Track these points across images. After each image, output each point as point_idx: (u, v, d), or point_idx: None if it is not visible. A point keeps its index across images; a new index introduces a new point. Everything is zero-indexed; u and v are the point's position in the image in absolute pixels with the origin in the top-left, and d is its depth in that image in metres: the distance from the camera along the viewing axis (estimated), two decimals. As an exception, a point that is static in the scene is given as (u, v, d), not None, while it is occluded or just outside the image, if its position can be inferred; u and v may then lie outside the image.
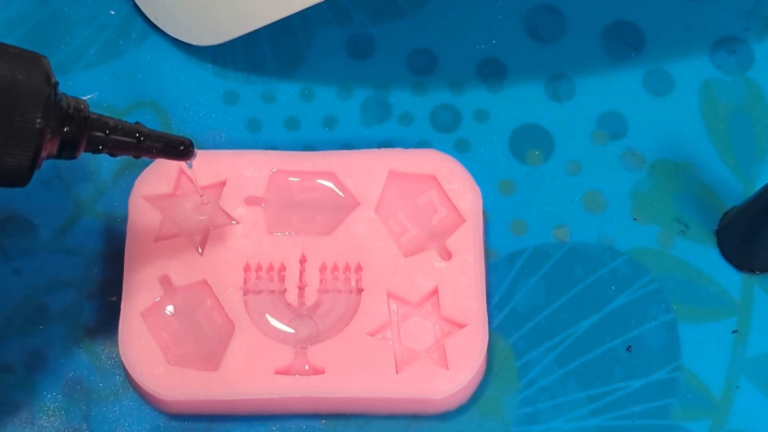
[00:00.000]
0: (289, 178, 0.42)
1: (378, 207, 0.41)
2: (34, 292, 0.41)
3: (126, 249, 0.41)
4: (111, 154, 0.36)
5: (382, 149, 0.42)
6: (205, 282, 0.40)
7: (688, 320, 0.41)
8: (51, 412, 0.40)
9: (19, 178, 0.33)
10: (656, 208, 0.42)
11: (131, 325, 0.40)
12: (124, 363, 0.39)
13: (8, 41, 0.44)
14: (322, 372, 0.39)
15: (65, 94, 0.34)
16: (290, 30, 0.45)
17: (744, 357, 0.41)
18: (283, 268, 0.41)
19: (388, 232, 0.41)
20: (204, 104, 0.44)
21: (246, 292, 0.40)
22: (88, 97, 0.44)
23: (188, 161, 0.37)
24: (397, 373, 0.39)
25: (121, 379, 0.40)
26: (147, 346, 0.39)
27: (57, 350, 0.41)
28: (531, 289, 0.41)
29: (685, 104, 0.44)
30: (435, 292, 0.40)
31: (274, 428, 0.40)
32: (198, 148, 0.43)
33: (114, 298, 0.41)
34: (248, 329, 0.40)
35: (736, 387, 0.40)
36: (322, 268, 0.41)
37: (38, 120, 0.33)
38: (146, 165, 0.42)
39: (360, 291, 0.40)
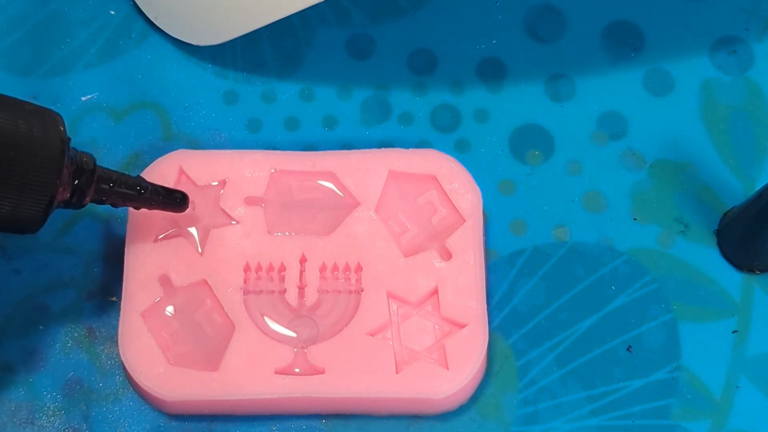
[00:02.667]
0: (289, 178, 0.42)
1: (378, 207, 0.41)
2: (34, 292, 0.41)
3: (126, 249, 0.41)
4: (113, 205, 0.38)
5: (382, 149, 0.42)
6: (205, 282, 0.40)
7: (688, 320, 0.41)
8: (51, 412, 0.40)
9: (31, 226, 0.36)
10: (656, 208, 0.42)
11: (131, 325, 0.40)
12: (124, 363, 0.39)
13: (8, 41, 0.45)
14: (322, 372, 0.39)
15: (75, 149, 0.37)
16: (290, 30, 0.45)
17: (744, 357, 0.41)
18: (283, 268, 0.40)
19: (388, 232, 0.41)
20: (204, 104, 0.44)
21: (246, 292, 0.40)
22: (88, 97, 0.44)
23: (183, 211, 0.40)
24: (397, 373, 0.39)
25: (121, 379, 0.40)
26: (147, 346, 0.39)
27: (57, 350, 0.41)
28: (531, 289, 0.41)
29: (685, 104, 0.44)
30: (435, 292, 0.40)
31: (274, 428, 0.40)
32: (198, 148, 0.43)
33: (114, 298, 0.41)
34: (248, 329, 0.40)
35: (736, 387, 0.40)
36: (322, 268, 0.41)
37: (53, 175, 0.35)
38: (146, 165, 0.42)
39: (360, 291, 0.40)
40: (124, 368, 0.40)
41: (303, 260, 0.41)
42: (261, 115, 0.44)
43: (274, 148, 0.43)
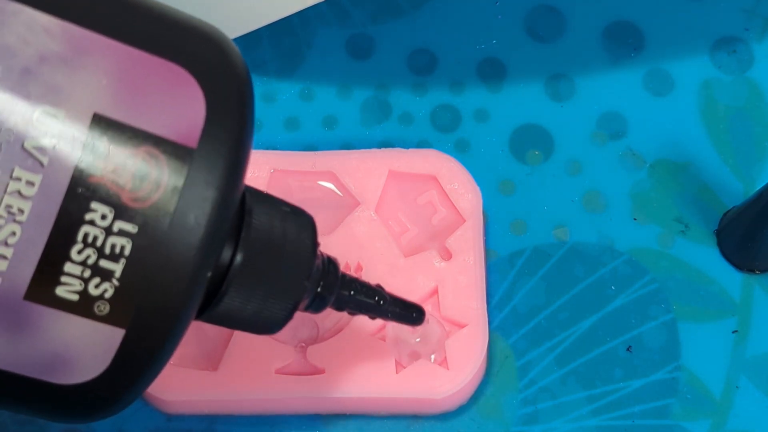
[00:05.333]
0: (289, 178, 0.42)
1: (378, 207, 0.41)
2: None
3: (126, 249, 0.41)
4: (350, 313, 0.36)
5: (382, 149, 0.42)
6: (205, 282, 0.40)
7: (688, 320, 0.41)
8: (51, 412, 0.40)
9: (270, 328, 0.34)
10: (656, 208, 0.42)
11: (131, 325, 0.39)
12: (124, 363, 0.39)
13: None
14: (322, 372, 0.39)
15: (322, 254, 0.35)
16: (290, 30, 0.45)
17: (744, 357, 0.41)
18: (283, 268, 0.40)
19: (388, 232, 0.41)
20: (204, 104, 0.44)
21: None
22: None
23: (417, 326, 0.38)
24: (397, 373, 0.39)
25: (121, 379, 0.40)
26: (147, 346, 0.39)
27: (57, 350, 0.40)
28: (531, 289, 0.41)
29: (685, 104, 0.44)
30: (435, 292, 0.40)
31: (274, 428, 0.40)
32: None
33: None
34: (248, 329, 0.40)
35: (736, 387, 0.40)
36: (322, 268, 0.41)
37: (303, 282, 0.33)
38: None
39: (360, 291, 0.40)
40: (124, 368, 0.40)
41: (303, 260, 0.41)
42: (261, 115, 0.44)
43: (274, 148, 0.43)
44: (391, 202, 0.42)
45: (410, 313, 0.37)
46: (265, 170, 0.42)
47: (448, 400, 0.39)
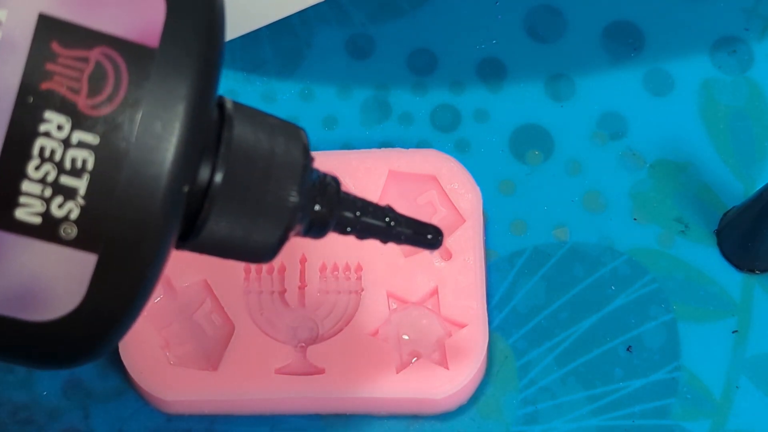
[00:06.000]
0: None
1: (378, 207, 0.41)
2: (34, 292, 0.41)
3: (126, 249, 0.40)
4: (358, 237, 0.32)
5: (382, 149, 0.42)
6: (205, 282, 0.40)
7: (688, 320, 0.41)
8: (51, 412, 0.40)
9: (262, 255, 0.30)
10: (656, 208, 0.42)
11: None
12: (124, 363, 0.39)
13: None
14: (322, 372, 0.39)
15: (318, 170, 0.32)
16: (290, 30, 0.45)
17: (744, 357, 0.41)
18: (283, 268, 0.40)
19: (388, 232, 0.41)
20: (204, 104, 0.44)
21: (246, 292, 0.40)
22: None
23: (435, 249, 0.34)
24: (397, 373, 0.39)
25: (121, 379, 0.40)
26: (147, 346, 0.39)
27: (57, 350, 0.41)
28: (531, 289, 0.41)
29: (685, 104, 0.44)
30: (435, 292, 0.40)
31: (274, 428, 0.40)
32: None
33: (114, 298, 0.41)
34: (248, 329, 0.40)
35: (736, 387, 0.40)
36: (323, 269, 0.41)
37: (292, 196, 0.30)
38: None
39: (360, 291, 0.40)
40: (124, 368, 0.40)
41: (303, 260, 0.41)
42: (261, 115, 0.44)
43: (274, 148, 0.43)
44: (391, 202, 0.41)
45: (425, 235, 0.33)
46: (265, 170, 0.41)
47: (448, 400, 0.39)
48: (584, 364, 0.40)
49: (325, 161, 0.41)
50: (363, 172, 0.41)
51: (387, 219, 0.32)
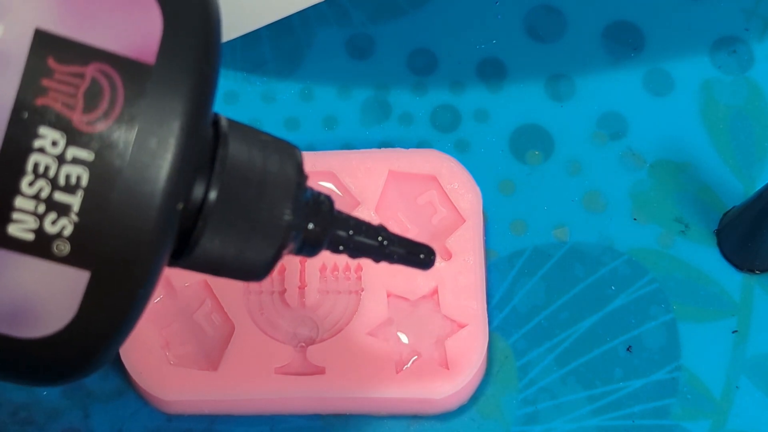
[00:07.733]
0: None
1: (378, 207, 0.41)
2: (34, 292, 0.41)
3: (126, 249, 0.40)
4: (350, 256, 0.32)
5: (382, 149, 0.42)
6: (205, 282, 0.40)
7: (688, 320, 0.41)
8: (51, 412, 0.40)
9: (255, 273, 0.31)
10: (656, 208, 0.42)
11: (131, 325, 0.39)
12: (124, 363, 0.39)
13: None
14: (322, 372, 0.39)
15: (311, 188, 0.32)
16: (290, 30, 0.45)
17: (744, 357, 0.41)
18: (283, 268, 0.41)
19: (388, 232, 0.41)
20: (204, 104, 0.44)
21: (246, 292, 0.40)
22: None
23: (427, 270, 0.34)
24: (397, 373, 0.39)
25: (121, 379, 0.40)
26: (147, 346, 0.39)
27: (57, 350, 0.40)
28: (531, 289, 0.41)
29: (685, 104, 0.44)
30: (435, 292, 0.40)
31: (274, 428, 0.40)
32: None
33: (114, 298, 0.41)
34: (248, 329, 0.40)
35: (736, 387, 0.40)
36: (322, 269, 0.41)
37: (286, 215, 0.30)
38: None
39: (360, 291, 0.40)
40: (124, 368, 0.40)
41: (303, 260, 0.41)
42: (261, 115, 0.44)
43: (274, 148, 0.43)
44: (391, 202, 0.42)
45: (417, 255, 0.33)
46: (265, 170, 0.41)
47: (448, 400, 0.39)
48: (584, 364, 0.40)
49: (325, 161, 0.42)
50: (363, 172, 0.41)
51: (380, 238, 0.32)
